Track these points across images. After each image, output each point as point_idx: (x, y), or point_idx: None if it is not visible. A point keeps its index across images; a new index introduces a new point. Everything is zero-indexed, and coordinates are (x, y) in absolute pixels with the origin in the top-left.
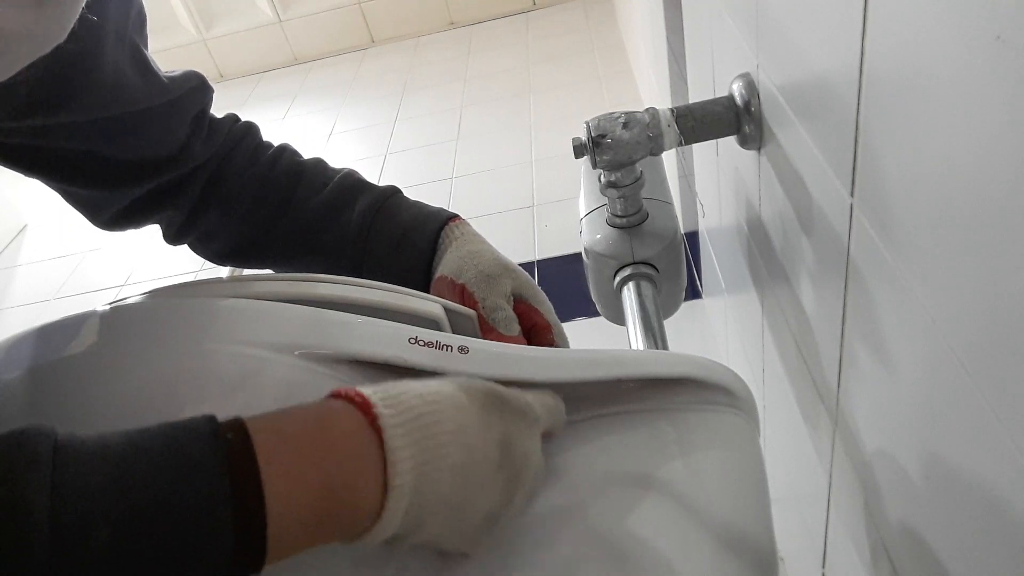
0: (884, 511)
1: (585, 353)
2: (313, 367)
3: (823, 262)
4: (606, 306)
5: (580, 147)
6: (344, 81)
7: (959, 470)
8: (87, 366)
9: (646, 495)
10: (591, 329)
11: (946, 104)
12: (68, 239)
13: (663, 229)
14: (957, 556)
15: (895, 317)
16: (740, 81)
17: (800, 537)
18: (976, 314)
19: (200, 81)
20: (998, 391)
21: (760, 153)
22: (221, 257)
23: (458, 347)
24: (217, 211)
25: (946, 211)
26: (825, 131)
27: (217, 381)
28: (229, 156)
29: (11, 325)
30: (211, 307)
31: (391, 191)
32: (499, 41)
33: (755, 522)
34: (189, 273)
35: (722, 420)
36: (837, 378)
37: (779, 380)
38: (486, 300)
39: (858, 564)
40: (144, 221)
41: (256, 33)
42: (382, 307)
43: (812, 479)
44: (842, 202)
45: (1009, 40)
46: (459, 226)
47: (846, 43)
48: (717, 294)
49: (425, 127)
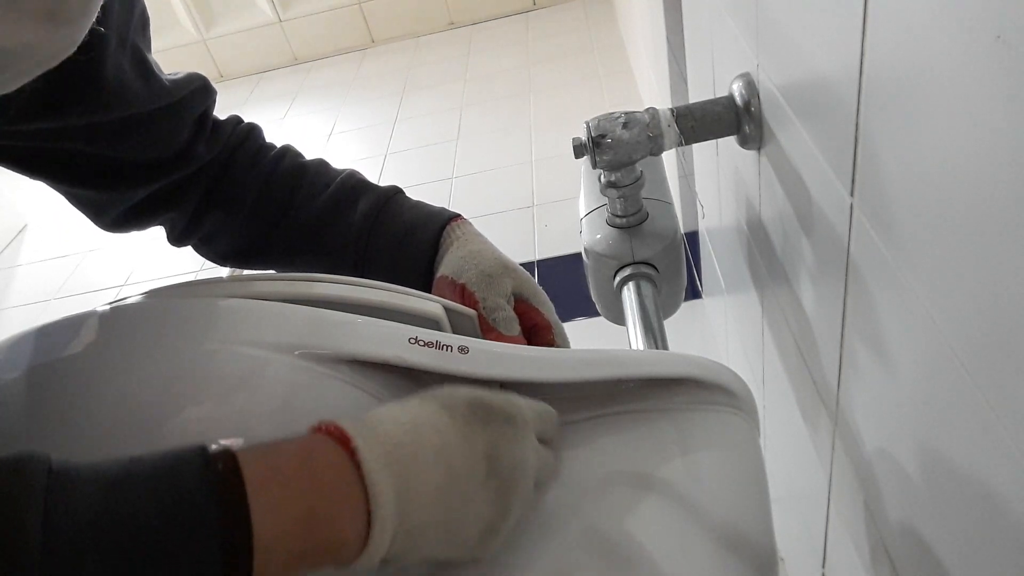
0: (884, 511)
1: (585, 353)
2: (313, 367)
3: (823, 262)
4: (606, 306)
5: (580, 147)
6: (344, 81)
7: (959, 470)
8: (87, 366)
9: (646, 495)
10: (591, 329)
11: (946, 104)
12: (68, 239)
13: (663, 229)
14: (957, 556)
15: (895, 317)
16: (740, 81)
17: (800, 537)
18: (976, 314)
19: (203, 83)
20: (998, 391)
21: (760, 153)
22: (224, 258)
23: (458, 347)
24: (220, 212)
25: (946, 211)
26: (825, 131)
27: (217, 381)
28: (232, 158)
29: (11, 325)
30: (211, 307)
31: (393, 191)
32: (499, 41)
33: (755, 522)
34: (189, 273)
35: (722, 420)
36: (837, 378)
37: (779, 380)
38: (486, 300)
39: (858, 564)
40: (148, 223)
41: (256, 33)
42: (382, 307)
43: (812, 479)
44: (842, 202)
45: (1009, 40)
46: (461, 226)
47: (846, 43)
48: (717, 294)
49: (425, 127)
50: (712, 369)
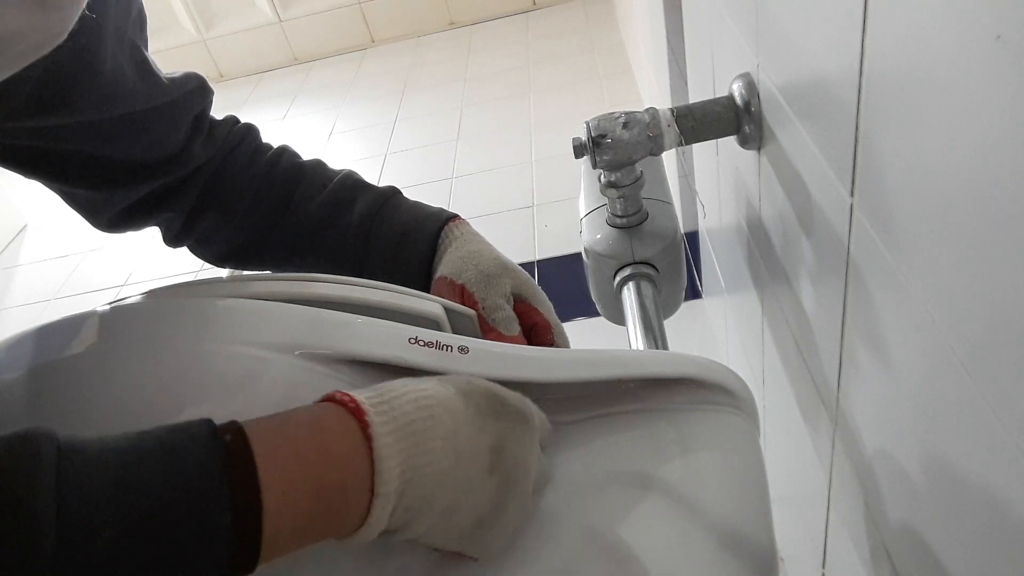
0: (884, 511)
1: (585, 353)
2: (313, 367)
3: (823, 262)
4: (606, 306)
5: (580, 147)
6: (344, 81)
7: (959, 470)
8: (87, 366)
9: (646, 495)
10: (591, 329)
11: (946, 104)
12: (68, 239)
13: (663, 229)
14: (957, 556)
15: (895, 317)
16: (740, 81)
17: (800, 537)
18: (976, 314)
19: (200, 83)
20: (998, 391)
21: (760, 153)
22: (221, 259)
23: (458, 347)
24: (216, 213)
25: (946, 211)
26: (825, 131)
27: (217, 381)
28: (228, 158)
29: (11, 325)
30: (211, 307)
31: (391, 192)
32: (499, 41)
33: (755, 522)
34: (189, 273)
35: (722, 420)
36: (837, 378)
37: (779, 380)
38: (486, 300)
39: (858, 564)
40: (144, 223)
41: (256, 33)
42: (382, 307)
43: (812, 479)
44: (842, 202)
45: (1009, 40)
46: (459, 226)
47: (846, 43)
48: (717, 294)
49: (425, 127)
50: (712, 369)
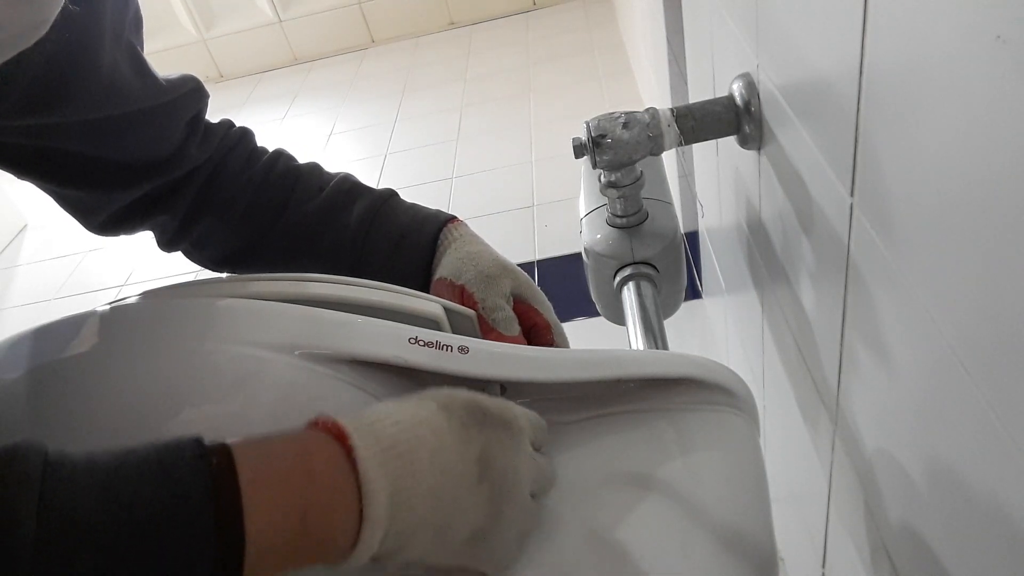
0: (884, 511)
1: (585, 353)
2: (313, 367)
3: (823, 262)
4: (606, 306)
5: (580, 147)
6: (344, 81)
7: (959, 470)
8: (87, 366)
9: (646, 495)
10: (591, 329)
11: (946, 104)
12: (68, 239)
13: (663, 229)
14: (957, 556)
15: (895, 317)
16: (740, 81)
17: (800, 537)
18: (976, 314)
19: (196, 85)
20: (998, 391)
21: (760, 153)
22: (216, 263)
23: (458, 347)
24: (211, 216)
25: (946, 211)
26: (825, 131)
27: (217, 381)
28: (224, 161)
29: (11, 325)
30: (210, 307)
31: (388, 194)
32: (499, 41)
33: (755, 522)
34: (189, 273)
35: (722, 420)
36: (837, 378)
37: (779, 380)
38: (486, 300)
39: (858, 564)
40: (137, 226)
41: (256, 33)
42: (382, 307)
43: (812, 479)
44: (842, 202)
45: (1009, 40)
46: (457, 227)
47: (846, 43)
48: (717, 294)
49: (425, 127)
50: (712, 369)
